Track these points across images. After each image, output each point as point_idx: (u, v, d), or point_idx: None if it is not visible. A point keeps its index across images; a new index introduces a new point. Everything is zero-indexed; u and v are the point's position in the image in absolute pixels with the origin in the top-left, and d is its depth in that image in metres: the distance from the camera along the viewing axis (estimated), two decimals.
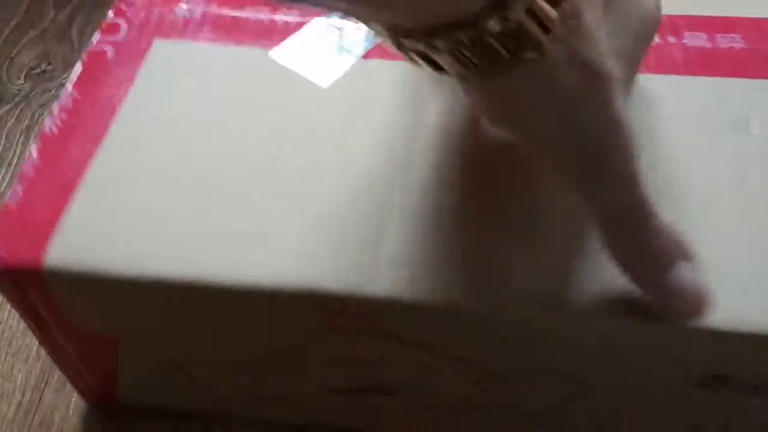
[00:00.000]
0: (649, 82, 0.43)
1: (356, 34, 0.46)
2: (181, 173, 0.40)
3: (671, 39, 0.45)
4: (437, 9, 0.27)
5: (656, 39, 0.41)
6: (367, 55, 0.45)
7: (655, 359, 0.38)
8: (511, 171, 0.40)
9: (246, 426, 0.49)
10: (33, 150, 0.41)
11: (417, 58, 0.30)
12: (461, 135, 0.42)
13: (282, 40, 0.46)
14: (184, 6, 0.47)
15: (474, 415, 0.45)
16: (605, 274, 0.36)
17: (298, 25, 0.46)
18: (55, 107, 0.43)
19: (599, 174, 0.32)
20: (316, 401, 0.46)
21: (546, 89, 0.29)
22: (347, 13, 0.28)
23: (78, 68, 0.45)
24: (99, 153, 0.41)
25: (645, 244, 0.33)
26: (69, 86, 0.44)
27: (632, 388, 0.40)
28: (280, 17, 0.47)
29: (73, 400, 0.50)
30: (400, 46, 0.29)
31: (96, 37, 0.46)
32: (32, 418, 0.49)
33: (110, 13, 0.47)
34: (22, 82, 0.70)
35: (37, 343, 0.52)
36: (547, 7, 0.27)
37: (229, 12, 0.47)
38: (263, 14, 0.47)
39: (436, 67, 0.30)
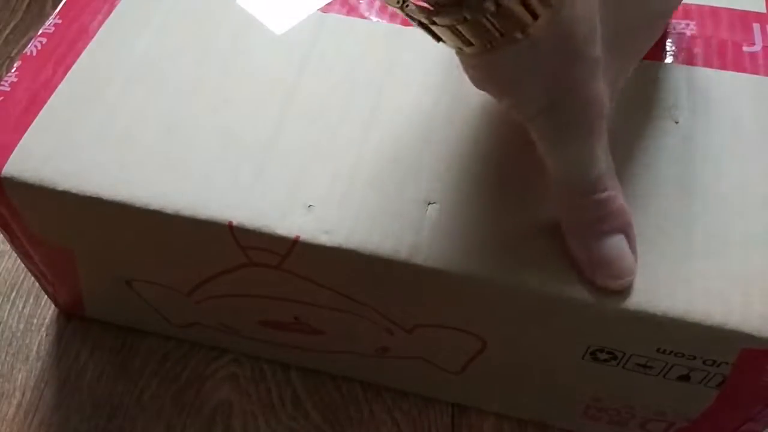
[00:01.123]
0: None
1: None
2: (138, 103, 0.43)
3: None
4: None
5: None
6: (325, 9, 0.47)
7: (550, 327, 0.39)
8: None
9: (195, 349, 0.53)
10: (12, 68, 0.44)
11: (420, 28, 0.33)
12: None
13: None
14: None
15: (389, 363, 0.48)
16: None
17: None
18: (40, 30, 0.46)
19: (562, 140, 0.34)
20: (252, 332, 0.49)
21: (530, 65, 0.32)
22: None
23: None
24: (68, 77, 0.44)
25: (586, 210, 0.35)
26: (56, 12, 0.47)
27: (531, 353, 0.42)
28: None
29: None
30: (405, 14, 0.32)
31: None
32: (32, 418, 0.50)
33: None
34: None
35: (37, 343, 0.53)
36: None
37: None
38: None
39: (436, 37, 0.33)
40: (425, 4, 0.31)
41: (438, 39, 0.33)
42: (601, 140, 0.34)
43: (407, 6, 0.31)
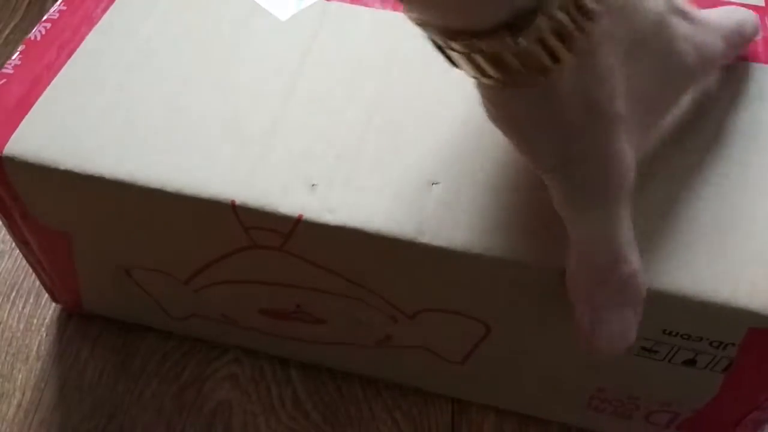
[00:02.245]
0: None
1: None
2: (142, 86, 0.43)
3: None
4: (456, 17, 0.29)
5: None
6: None
7: (554, 309, 0.39)
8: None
9: (195, 349, 0.53)
10: (16, 52, 0.44)
11: (437, 51, 0.32)
12: None
13: None
14: None
15: (390, 354, 0.47)
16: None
17: None
18: (44, 16, 0.46)
19: (578, 202, 0.33)
20: (252, 322, 0.49)
21: (547, 113, 0.30)
22: None
23: None
24: (71, 60, 0.44)
25: (597, 284, 0.34)
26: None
27: (535, 338, 0.42)
28: None
29: None
30: (426, 34, 0.31)
31: None
32: (32, 418, 0.49)
33: None
34: None
35: (37, 343, 0.52)
36: (557, 43, 0.28)
37: None
38: None
39: (451, 62, 0.32)
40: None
41: (453, 64, 0.32)
42: (625, 207, 0.33)
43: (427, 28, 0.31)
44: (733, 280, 0.36)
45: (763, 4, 0.46)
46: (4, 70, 0.43)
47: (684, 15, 0.35)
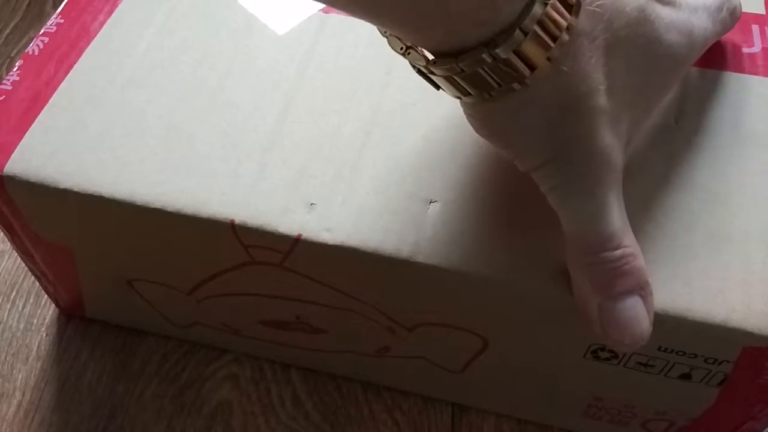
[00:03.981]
0: None
1: None
2: (140, 102, 0.43)
3: None
4: (439, 38, 0.29)
5: None
6: (326, 10, 0.47)
7: (551, 325, 0.39)
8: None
9: (195, 349, 0.53)
10: (14, 67, 0.44)
11: (420, 75, 0.33)
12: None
13: None
14: None
15: (390, 363, 0.48)
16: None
17: None
18: (41, 30, 0.46)
19: (568, 193, 0.33)
20: (253, 331, 0.49)
21: (528, 117, 0.31)
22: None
23: None
24: (70, 76, 0.44)
25: (597, 268, 0.34)
26: (57, 11, 0.47)
27: (532, 351, 0.42)
28: None
29: None
30: (408, 60, 0.32)
31: None
32: (32, 418, 0.50)
33: None
34: None
35: (37, 343, 0.53)
36: (534, 51, 0.29)
37: None
38: None
39: (435, 85, 0.33)
40: (426, 53, 0.31)
41: (437, 87, 0.33)
42: (613, 194, 0.33)
43: (409, 54, 0.32)
44: (728, 299, 0.36)
45: (764, 12, 0.46)
46: (2, 87, 0.43)
47: (666, 1, 0.35)
